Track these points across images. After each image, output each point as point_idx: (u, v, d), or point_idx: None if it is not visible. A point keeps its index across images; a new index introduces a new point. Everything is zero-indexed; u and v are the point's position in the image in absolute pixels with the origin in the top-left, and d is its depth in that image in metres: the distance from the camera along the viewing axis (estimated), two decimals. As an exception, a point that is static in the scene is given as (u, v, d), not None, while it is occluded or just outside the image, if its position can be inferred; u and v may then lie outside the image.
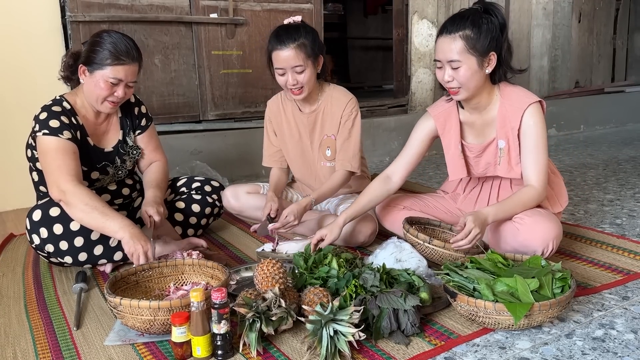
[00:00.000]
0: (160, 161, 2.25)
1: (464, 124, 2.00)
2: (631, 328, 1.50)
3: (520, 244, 1.83)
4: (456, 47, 1.76)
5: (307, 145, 2.31)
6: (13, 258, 2.23)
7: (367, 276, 1.64)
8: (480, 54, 1.77)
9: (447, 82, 1.83)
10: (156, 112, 3.31)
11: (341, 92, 2.26)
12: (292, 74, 2.07)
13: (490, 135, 1.94)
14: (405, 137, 4.21)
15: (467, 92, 1.83)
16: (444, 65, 1.82)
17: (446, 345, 1.43)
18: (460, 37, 1.75)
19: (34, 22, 2.90)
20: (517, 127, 1.86)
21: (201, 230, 2.34)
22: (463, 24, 1.76)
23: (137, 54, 1.95)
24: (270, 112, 2.37)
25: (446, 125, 2.01)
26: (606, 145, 4.60)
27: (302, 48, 2.05)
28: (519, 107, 1.85)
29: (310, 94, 2.19)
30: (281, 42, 2.04)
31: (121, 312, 1.46)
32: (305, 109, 2.27)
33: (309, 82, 2.10)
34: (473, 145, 1.98)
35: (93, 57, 1.89)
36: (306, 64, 2.07)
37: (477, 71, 1.79)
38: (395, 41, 4.37)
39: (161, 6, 3.30)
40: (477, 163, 2.00)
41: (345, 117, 2.21)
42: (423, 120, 2.09)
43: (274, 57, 2.09)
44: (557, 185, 2.05)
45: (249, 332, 1.40)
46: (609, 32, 5.71)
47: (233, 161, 3.55)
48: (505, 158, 1.91)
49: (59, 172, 1.85)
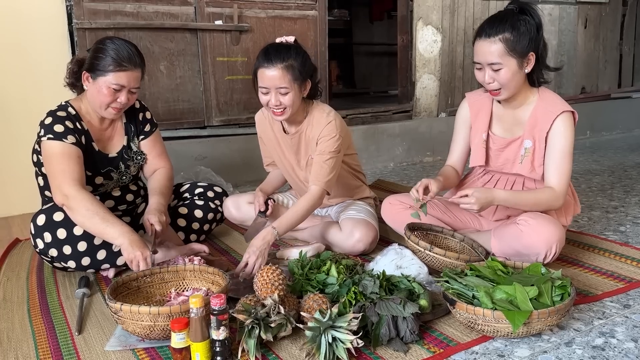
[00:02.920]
0: (165, 168, 2.26)
1: (495, 116, 2.05)
2: (631, 337, 1.50)
3: (524, 246, 1.84)
4: (497, 50, 1.80)
5: (295, 164, 2.28)
6: (18, 263, 2.25)
7: (366, 283, 1.64)
8: (520, 55, 1.82)
9: (488, 84, 1.87)
10: (161, 118, 3.34)
11: (322, 113, 2.12)
12: (276, 94, 1.99)
13: (517, 133, 1.98)
14: (409, 142, 4.26)
15: (508, 92, 1.88)
16: (483, 67, 1.86)
17: (445, 353, 1.43)
18: (500, 40, 1.80)
19: (40, 29, 2.93)
20: (546, 129, 1.90)
21: (203, 235, 2.35)
22: (502, 26, 1.80)
23: (140, 60, 1.97)
24: (259, 126, 2.34)
25: (479, 114, 2.07)
26: (612, 151, 4.58)
27: (290, 70, 1.96)
28: (553, 111, 1.89)
29: (294, 115, 2.09)
30: (269, 60, 1.97)
31: (122, 317, 1.47)
32: (291, 129, 2.20)
33: (292, 105, 2.01)
34: (498, 138, 2.03)
35: (96, 64, 1.91)
36: (291, 87, 1.98)
37: (517, 72, 1.84)
38: (400, 47, 4.38)
39: (167, 13, 3.32)
40: (497, 156, 2.04)
41: (321, 140, 2.09)
42: (461, 108, 2.15)
43: (259, 74, 2.01)
44: (567, 202, 2.05)
45: (248, 339, 1.41)
46: (616, 38, 5.69)
47: (237, 167, 3.57)
48: (529, 157, 1.94)
49: (62, 176, 1.87)
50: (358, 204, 2.35)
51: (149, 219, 1.97)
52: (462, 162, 2.18)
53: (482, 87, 2.06)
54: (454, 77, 4.57)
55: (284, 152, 2.28)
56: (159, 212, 2.01)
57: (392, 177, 3.79)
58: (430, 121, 4.45)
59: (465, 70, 4.62)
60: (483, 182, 2.14)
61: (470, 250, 2.02)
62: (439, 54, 4.45)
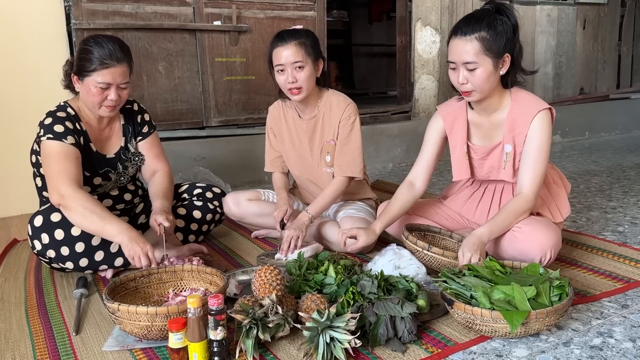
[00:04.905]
0: (164, 170, 2.25)
1: (472, 125, 1.99)
2: (629, 336, 1.50)
3: (519, 252, 1.83)
4: (472, 49, 1.75)
5: (307, 151, 2.32)
6: (16, 263, 2.25)
7: (365, 283, 1.64)
8: (496, 55, 1.77)
9: (461, 84, 1.81)
10: (160, 118, 3.34)
11: (339, 97, 2.27)
12: (292, 70, 2.09)
13: (497, 138, 1.94)
14: (408, 143, 4.26)
15: (481, 94, 1.82)
16: (458, 67, 1.80)
17: (443, 353, 1.43)
18: (477, 38, 1.75)
19: (39, 30, 2.93)
20: (524, 132, 1.85)
21: (202, 236, 2.35)
22: (478, 25, 1.75)
23: (123, 55, 1.93)
24: (271, 118, 2.39)
25: (454, 125, 2.01)
26: (611, 152, 4.58)
27: (302, 46, 2.09)
28: (529, 112, 1.84)
29: (309, 99, 2.20)
30: (282, 39, 2.10)
31: (119, 317, 1.47)
32: (305, 115, 2.28)
33: (307, 81, 2.12)
34: (478, 147, 1.98)
35: (80, 65, 1.91)
36: (306, 62, 2.10)
37: (492, 73, 1.78)
38: (399, 48, 4.39)
39: (165, 14, 3.32)
40: (481, 165, 2.00)
41: (344, 122, 2.22)
42: (433, 120, 2.08)
43: (274, 55, 2.12)
44: (559, 195, 2.05)
45: (246, 339, 1.40)
46: (614, 39, 5.70)
47: (236, 167, 3.56)
48: (510, 162, 1.91)
49: (59, 176, 1.86)
50: (357, 204, 2.36)
51: (157, 219, 1.95)
52: (425, 175, 2.08)
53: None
54: (452, 77, 4.57)
55: (300, 138, 2.32)
56: (166, 213, 2.01)
57: (391, 177, 3.79)
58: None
59: (464, 71, 4.62)
60: (471, 191, 2.12)
61: (469, 251, 2.01)
62: (437, 54, 4.45)
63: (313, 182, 2.37)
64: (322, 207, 2.21)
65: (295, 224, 2.13)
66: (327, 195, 2.21)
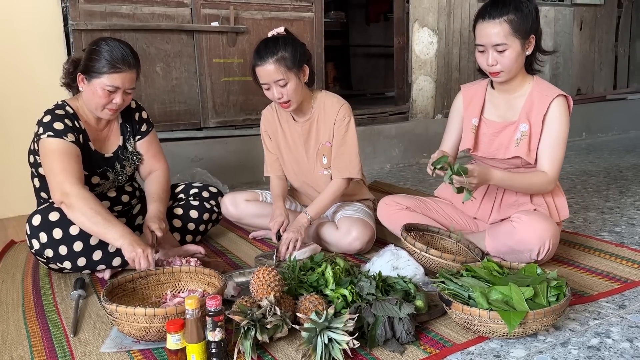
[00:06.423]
0: (161, 169, 2.25)
1: (489, 102, 2.07)
2: (627, 337, 1.50)
3: (517, 242, 1.85)
4: (502, 31, 1.84)
5: (303, 154, 2.31)
6: (13, 265, 2.24)
7: (363, 284, 1.64)
8: (523, 37, 1.86)
9: (490, 66, 1.89)
10: (157, 119, 3.33)
11: (333, 98, 2.25)
12: (276, 87, 2.07)
13: (512, 118, 2.00)
14: (406, 144, 4.27)
15: (509, 74, 1.91)
16: (487, 50, 1.88)
17: (441, 354, 1.43)
18: (505, 20, 1.84)
19: (36, 31, 2.92)
20: (543, 112, 1.92)
21: (199, 236, 2.35)
22: (506, 8, 1.84)
23: (134, 61, 1.96)
24: (266, 121, 2.38)
25: (472, 101, 2.09)
26: (608, 152, 4.59)
27: (282, 62, 2.03)
28: (549, 94, 1.93)
29: (302, 103, 2.19)
30: (260, 57, 2.06)
31: (117, 319, 1.46)
32: (300, 118, 2.27)
33: (294, 94, 2.09)
34: (492, 122, 2.04)
35: (90, 65, 1.91)
36: (288, 77, 2.05)
37: (520, 53, 1.88)
38: (396, 49, 4.39)
39: (163, 15, 3.32)
40: (491, 141, 2.04)
41: (338, 123, 2.21)
42: (456, 99, 2.17)
43: (257, 73, 2.10)
44: (559, 198, 2.06)
45: (244, 340, 1.40)
46: (611, 40, 5.71)
47: (234, 168, 3.56)
48: (526, 140, 1.95)
49: (63, 174, 1.85)
50: (355, 204, 2.36)
51: (150, 227, 1.98)
52: (453, 152, 2.17)
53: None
54: (450, 78, 4.58)
55: (295, 141, 2.31)
56: (159, 220, 2.02)
57: (389, 178, 3.79)
58: (427, 123, 4.46)
59: (461, 71, 4.63)
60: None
61: (466, 251, 2.02)
62: (435, 55, 4.46)
63: (310, 185, 2.37)
64: (321, 208, 2.21)
65: (294, 226, 2.13)
66: (326, 197, 2.21)
